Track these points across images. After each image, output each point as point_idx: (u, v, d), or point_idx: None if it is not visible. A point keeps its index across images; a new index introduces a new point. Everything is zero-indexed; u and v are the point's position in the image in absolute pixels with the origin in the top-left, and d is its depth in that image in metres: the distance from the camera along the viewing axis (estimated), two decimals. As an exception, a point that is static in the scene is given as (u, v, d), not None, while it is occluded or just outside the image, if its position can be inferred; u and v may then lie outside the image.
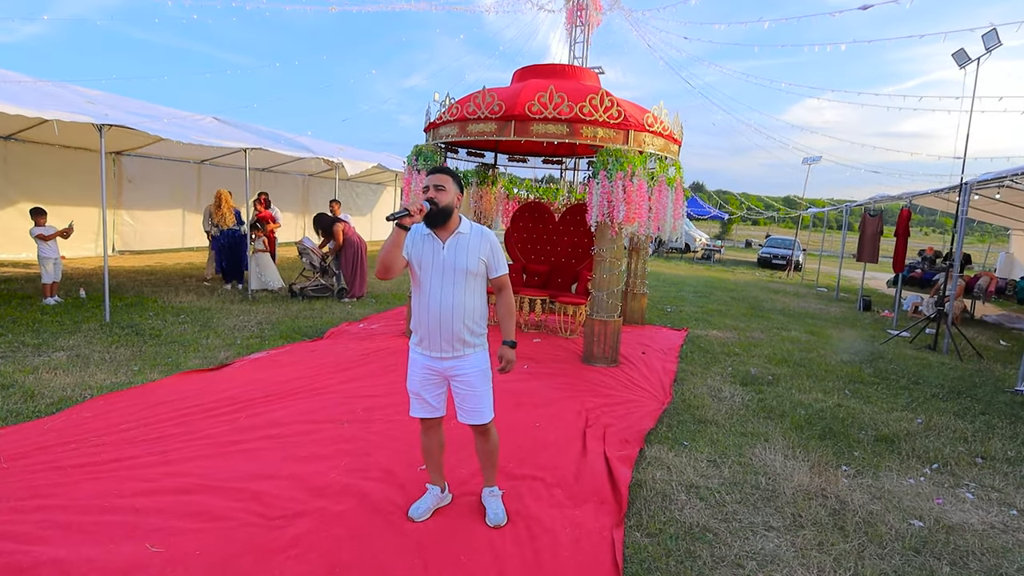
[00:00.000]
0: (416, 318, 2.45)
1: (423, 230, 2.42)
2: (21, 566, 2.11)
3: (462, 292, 2.39)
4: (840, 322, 9.06)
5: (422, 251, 2.40)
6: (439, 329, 2.38)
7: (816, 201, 32.90)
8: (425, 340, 2.43)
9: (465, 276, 2.39)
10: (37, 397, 3.91)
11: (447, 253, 2.38)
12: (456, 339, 2.40)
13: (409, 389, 2.53)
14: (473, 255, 2.39)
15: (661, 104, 5.44)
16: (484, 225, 7.81)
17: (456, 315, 2.37)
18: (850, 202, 13.33)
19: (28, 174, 9.99)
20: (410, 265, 2.43)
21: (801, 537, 2.62)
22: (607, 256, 5.28)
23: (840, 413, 4.45)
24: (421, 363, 2.48)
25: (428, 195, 2.35)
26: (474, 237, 2.43)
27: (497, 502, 2.65)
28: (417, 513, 2.56)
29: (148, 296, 7.58)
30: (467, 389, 2.45)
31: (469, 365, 2.45)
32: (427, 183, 2.39)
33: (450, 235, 2.40)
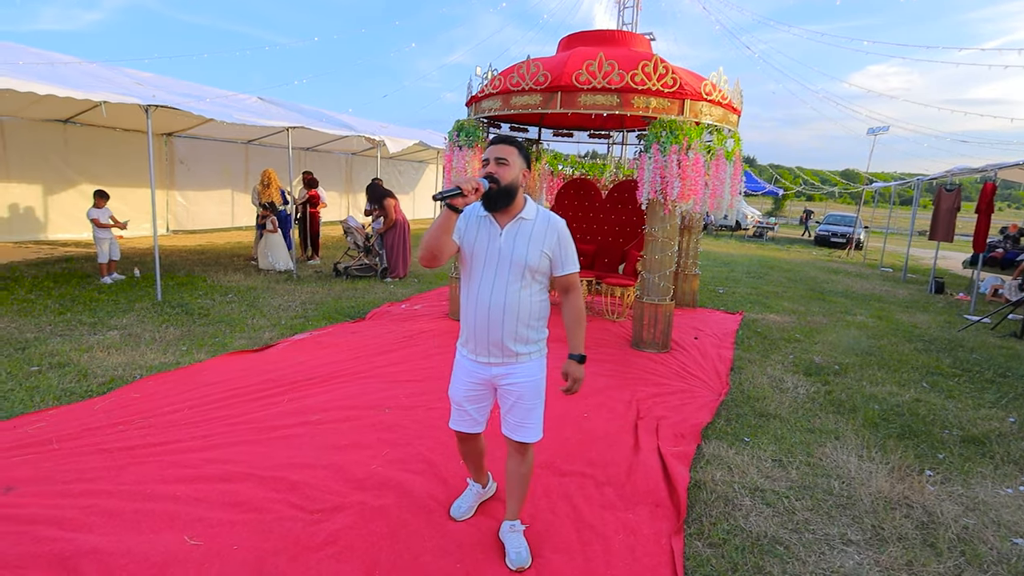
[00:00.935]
0: (463, 314, 2.12)
1: (479, 211, 2.05)
2: (64, 555, 2.08)
3: (517, 289, 2.00)
4: (910, 306, 8.41)
5: (476, 236, 2.04)
6: (487, 330, 2.03)
7: (879, 175, 30.87)
8: (471, 341, 2.09)
9: (523, 271, 2.00)
10: (90, 376, 3.98)
11: (504, 242, 2.01)
12: (506, 343, 2.03)
13: (451, 396, 2.21)
14: (535, 247, 2.00)
15: (720, 71, 5.02)
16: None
17: (508, 316, 2.00)
18: (921, 175, 12.33)
19: (87, 156, 10.35)
20: (461, 251, 2.08)
21: (886, 555, 2.34)
22: (659, 235, 4.96)
23: (919, 409, 4.05)
24: (467, 368, 2.14)
25: (488, 170, 1.98)
26: (539, 225, 2.03)
27: (520, 539, 2.22)
28: (459, 513, 2.38)
29: (198, 275, 7.73)
30: (515, 400, 2.10)
31: (521, 374, 2.08)
32: (487, 155, 2.01)
33: (511, 220, 2.02)
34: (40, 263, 7.96)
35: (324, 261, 9.51)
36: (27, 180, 9.64)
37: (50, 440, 2.99)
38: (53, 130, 9.78)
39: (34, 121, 9.42)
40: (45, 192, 9.97)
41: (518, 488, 2.22)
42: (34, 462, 2.76)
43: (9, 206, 9.46)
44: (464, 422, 2.20)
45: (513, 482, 2.22)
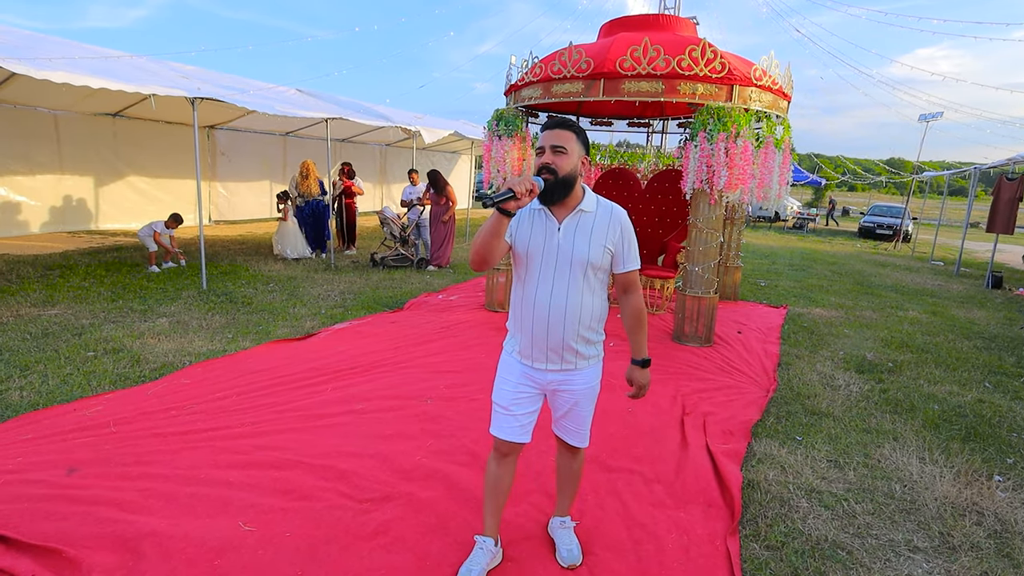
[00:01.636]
0: (517, 316, 1.93)
1: (534, 204, 1.85)
2: (125, 536, 2.14)
3: (579, 290, 1.84)
4: (966, 301, 8.00)
5: (531, 233, 1.85)
6: (546, 335, 1.86)
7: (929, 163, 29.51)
8: (527, 347, 1.91)
9: (584, 269, 1.83)
10: (143, 362, 4.10)
11: (563, 238, 1.83)
12: (566, 348, 1.87)
13: (496, 401, 1.98)
14: (597, 242, 1.83)
15: (772, 55, 4.81)
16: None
17: (569, 319, 1.84)
18: (979, 164, 11.70)
19: (135, 149, 10.70)
20: (513, 249, 1.90)
21: (958, 564, 2.21)
22: (703, 227, 4.82)
23: (984, 410, 3.84)
24: (518, 370, 1.94)
25: (544, 159, 1.79)
26: (600, 217, 1.85)
27: (571, 535, 2.16)
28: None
29: (240, 264, 7.92)
30: (570, 406, 1.98)
31: (579, 381, 1.94)
32: (542, 142, 1.81)
33: (569, 213, 1.84)
34: (92, 252, 8.27)
35: (360, 251, 9.63)
36: (79, 172, 10.02)
37: (107, 423, 3.09)
38: (103, 123, 10.12)
39: (86, 115, 9.77)
40: (96, 184, 10.35)
41: (569, 485, 2.17)
42: (94, 444, 2.85)
43: (63, 197, 9.86)
44: (510, 428, 1.95)
45: (564, 478, 2.17)
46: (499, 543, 2.11)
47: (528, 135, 5.67)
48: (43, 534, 2.13)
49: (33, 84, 4.98)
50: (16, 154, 8.96)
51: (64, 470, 2.60)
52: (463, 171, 19.49)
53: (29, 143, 9.12)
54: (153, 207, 11.02)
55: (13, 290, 5.82)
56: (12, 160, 8.89)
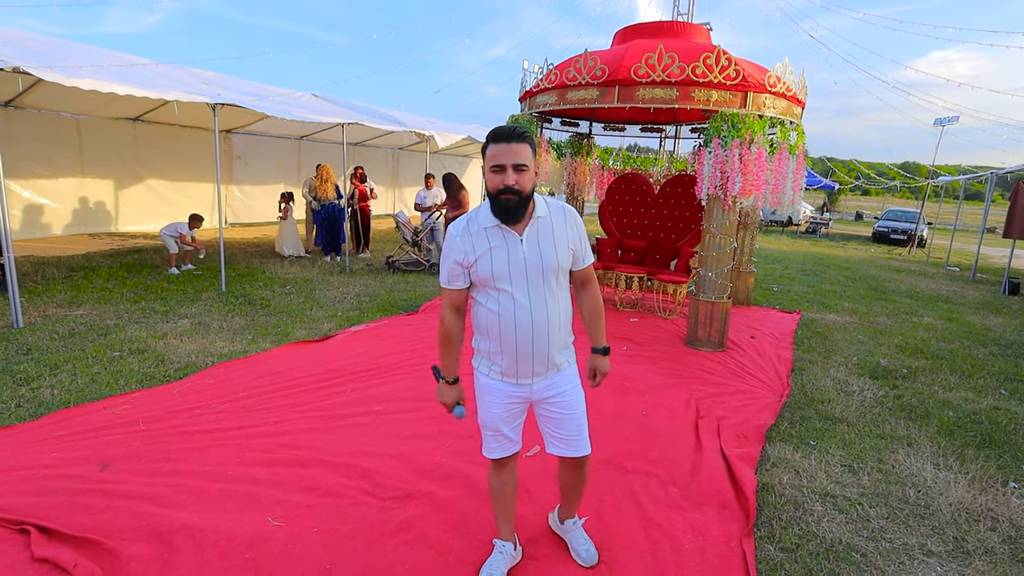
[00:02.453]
0: (491, 338, 1.84)
1: (484, 222, 1.77)
2: (160, 529, 2.22)
3: (553, 296, 1.81)
4: (981, 307, 7.95)
5: (491, 257, 1.75)
6: (531, 349, 1.80)
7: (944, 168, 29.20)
8: (510, 365, 1.84)
9: (555, 275, 1.80)
10: (167, 362, 4.21)
11: (528, 249, 1.76)
12: (551, 355, 1.84)
13: (486, 425, 1.96)
14: (561, 245, 1.80)
15: (786, 61, 4.84)
16: (577, 200, 7.50)
17: (552, 327, 1.80)
18: (995, 168, 11.59)
19: (154, 152, 10.91)
20: (477, 278, 1.80)
21: (972, 568, 2.24)
22: (717, 232, 4.85)
23: (999, 417, 3.84)
24: (504, 392, 1.90)
25: (507, 182, 1.68)
26: (556, 219, 1.81)
27: (583, 534, 2.19)
28: None
29: (257, 267, 8.05)
30: (564, 411, 1.91)
31: (565, 380, 1.91)
32: (500, 161, 1.68)
33: (526, 224, 1.77)
34: (114, 254, 8.44)
35: (373, 255, 9.74)
36: (100, 175, 10.23)
37: (136, 421, 3.19)
38: (124, 128, 10.33)
39: (107, 119, 9.98)
40: (116, 186, 10.55)
41: (576, 493, 2.14)
42: (124, 441, 2.95)
43: (84, 200, 10.07)
44: (502, 446, 1.96)
45: (572, 491, 2.13)
46: (518, 544, 2.15)
47: (544, 141, 5.73)
48: (81, 526, 2.22)
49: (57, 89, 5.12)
50: (40, 157, 9.17)
51: (97, 466, 2.70)
52: (475, 174, 19.61)
53: (52, 147, 9.34)
54: (171, 209, 11.22)
55: (39, 291, 5.97)
56: (36, 163, 9.10)
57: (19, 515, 2.26)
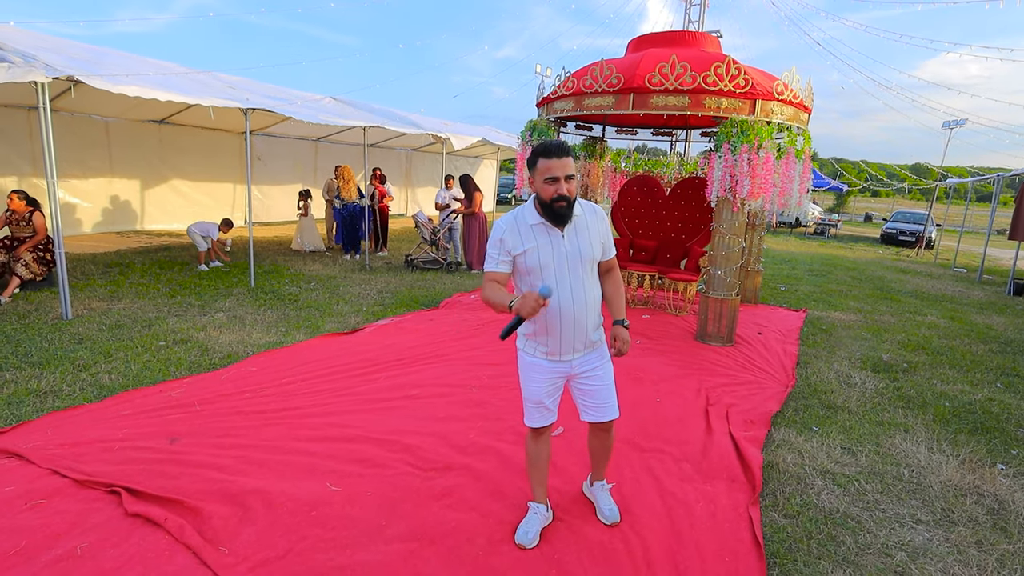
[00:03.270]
0: (537, 324, 2.12)
1: (529, 219, 2.07)
2: (231, 492, 2.52)
3: (590, 283, 2.13)
4: (985, 307, 8.14)
5: (536, 246, 2.05)
6: (573, 329, 2.11)
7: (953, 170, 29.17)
8: (554, 344, 2.13)
9: (590, 264, 2.11)
10: (210, 351, 4.52)
11: (568, 243, 2.07)
12: (588, 335, 2.15)
13: (529, 399, 2.23)
14: (595, 240, 2.12)
15: (793, 69, 5.09)
16: (591, 200, 7.79)
17: (589, 310, 2.12)
18: (1002, 171, 11.74)
19: (178, 153, 11.28)
20: (523, 267, 2.09)
21: (956, 534, 2.49)
22: (726, 232, 5.11)
23: (992, 408, 4.08)
24: (546, 367, 2.18)
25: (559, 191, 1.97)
26: (589, 218, 2.13)
27: (609, 496, 2.49)
28: (527, 539, 2.24)
29: (281, 265, 8.38)
30: (598, 383, 2.22)
31: (598, 356, 2.24)
32: (554, 173, 1.96)
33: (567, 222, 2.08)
34: (143, 251, 8.80)
35: (391, 253, 10.05)
36: (127, 176, 10.60)
37: (192, 403, 3.49)
38: (150, 130, 10.71)
39: (134, 122, 10.35)
40: (142, 186, 10.93)
41: (604, 456, 2.46)
42: (186, 420, 3.25)
43: (113, 199, 10.45)
44: (544, 416, 2.23)
45: (600, 454, 2.45)
46: (549, 507, 2.44)
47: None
48: (163, 488, 2.52)
49: (88, 93, 5.44)
50: (72, 159, 9.54)
51: (167, 440, 3.00)
52: (486, 175, 19.92)
53: (83, 149, 9.71)
54: (194, 209, 11.59)
55: (81, 286, 6.32)
56: (69, 164, 9.47)
57: (108, 479, 2.57)
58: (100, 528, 2.26)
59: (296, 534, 2.25)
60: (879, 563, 2.26)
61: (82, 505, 2.41)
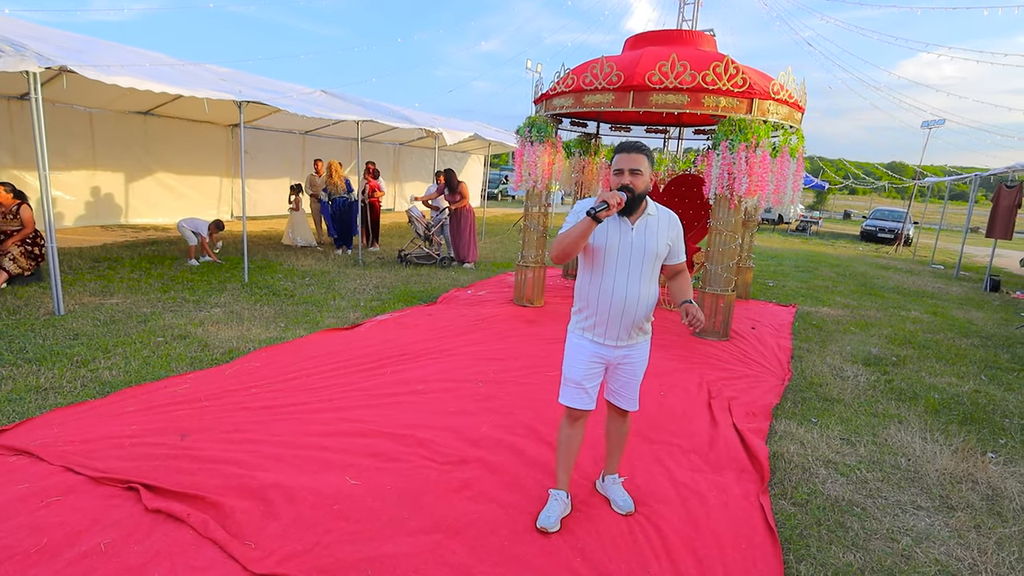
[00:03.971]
0: (591, 303, 2.28)
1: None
2: (251, 486, 2.52)
3: (648, 278, 2.24)
4: (964, 303, 8.41)
5: (607, 233, 2.21)
6: (621, 317, 2.24)
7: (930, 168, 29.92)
8: (601, 327, 2.27)
9: (654, 261, 2.24)
10: (211, 347, 4.48)
11: (636, 236, 2.21)
12: (636, 327, 2.28)
13: (569, 377, 2.34)
14: (662, 239, 2.24)
15: (789, 70, 5.20)
16: (584, 197, 7.85)
17: (641, 303, 2.24)
18: (980, 171, 12.09)
19: (163, 146, 11.07)
20: (588, 247, 2.25)
21: (955, 519, 2.60)
22: (723, 229, 5.20)
23: (979, 399, 4.24)
24: (590, 350, 2.31)
25: (623, 181, 2.15)
26: (663, 219, 2.26)
27: (622, 489, 2.57)
28: (549, 523, 2.32)
29: (273, 260, 8.30)
30: (629, 376, 2.38)
31: (639, 354, 2.36)
32: (621, 165, 2.17)
33: (639, 216, 2.22)
34: (130, 245, 8.64)
35: (383, 248, 10.01)
36: (112, 168, 10.38)
37: (199, 399, 3.47)
38: (135, 121, 10.49)
39: (119, 113, 10.13)
40: (127, 179, 10.71)
41: (618, 445, 2.58)
42: (194, 416, 3.23)
43: (96, 192, 10.22)
44: (581, 399, 2.33)
45: (614, 440, 2.58)
46: (569, 496, 2.50)
47: (559, 141, 6.05)
48: (181, 484, 2.51)
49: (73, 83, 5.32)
50: (55, 150, 9.27)
51: (177, 435, 2.98)
52: (473, 170, 19.90)
53: (66, 140, 9.48)
54: (180, 203, 11.40)
55: (71, 280, 6.19)
56: (51, 156, 9.09)
57: (124, 475, 2.55)
58: (121, 524, 2.25)
59: (321, 527, 2.26)
60: (886, 547, 2.36)
61: (100, 502, 2.39)
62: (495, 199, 27.58)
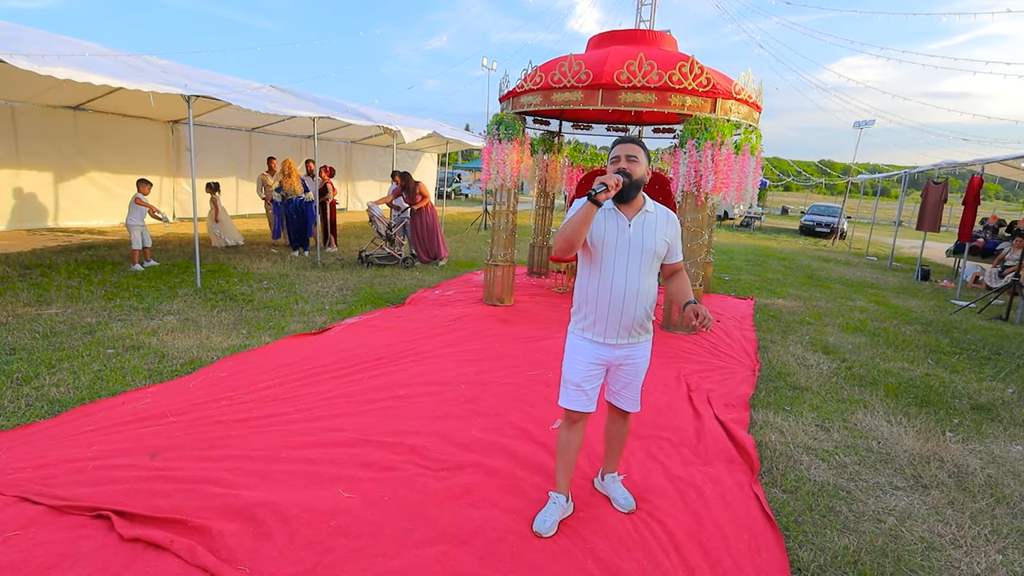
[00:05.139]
0: (589, 301, 2.26)
1: (606, 205, 2.23)
2: (236, 507, 2.36)
3: (646, 275, 2.22)
4: (901, 292, 8.98)
5: (604, 228, 2.20)
6: (620, 314, 2.21)
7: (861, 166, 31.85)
8: (600, 325, 2.25)
9: (652, 258, 2.22)
10: (169, 358, 4.20)
11: (634, 232, 2.20)
12: (635, 325, 2.24)
13: (568, 379, 2.31)
14: (660, 236, 2.22)
15: (749, 71, 5.37)
16: (548, 194, 7.84)
17: (640, 299, 2.21)
18: (909, 168, 12.95)
19: (95, 144, 10.32)
20: (587, 243, 2.22)
21: (931, 497, 2.76)
22: (691, 226, 5.33)
23: (931, 382, 4.52)
24: (589, 351, 2.28)
25: (620, 166, 2.16)
26: (660, 217, 2.26)
27: (622, 487, 2.58)
28: (544, 528, 2.29)
29: (225, 263, 7.88)
30: (631, 377, 2.35)
31: (640, 354, 2.33)
32: (617, 153, 2.19)
33: (636, 213, 2.22)
34: (63, 250, 8.00)
35: (341, 249, 9.71)
36: (38, 167, 9.59)
37: (164, 414, 3.24)
38: (64, 117, 9.73)
39: (45, 107, 9.37)
40: (56, 179, 9.93)
41: (618, 446, 2.58)
42: (162, 432, 3.01)
43: (20, 193, 9.42)
44: (580, 401, 2.29)
45: (614, 441, 2.57)
46: (570, 499, 2.48)
47: (527, 139, 6.02)
48: (159, 508, 2.33)
49: None
50: (-29, 148, 8.52)
51: (145, 455, 2.76)
52: (427, 168, 19.63)
53: (-16, 136, 8.70)
54: (116, 203, 10.65)
55: (0, 290, 5.67)
56: (-33, 154, 8.45)
57: (91, 502, 2.34)
58: (94, 558, 2.06)
59: (321, 545, 2.15)
60: (875, 528, 2.47)
61: (66, 533, 2.18)
62: (449, 197, 27.33)
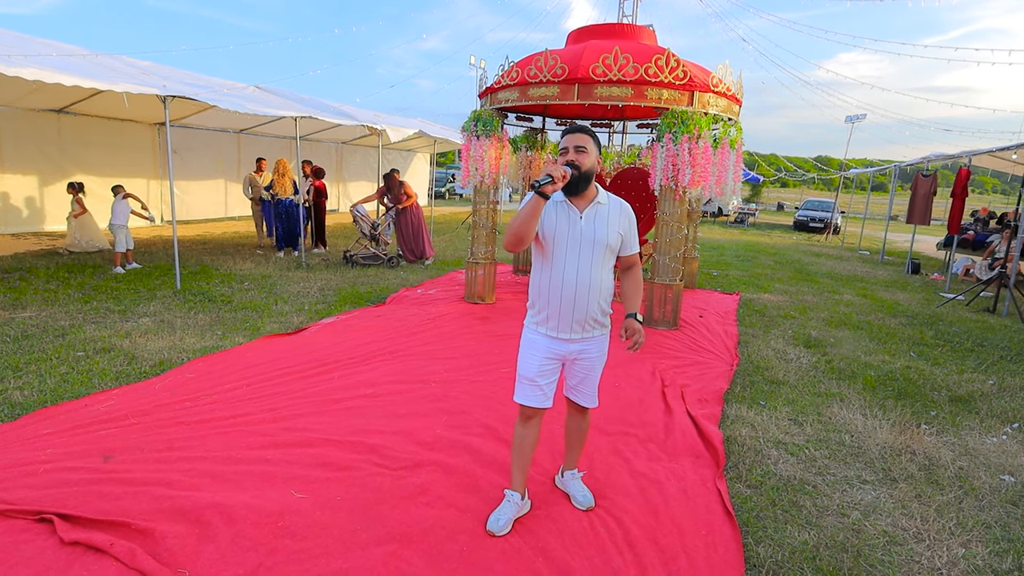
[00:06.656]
0: (542, 295, 2.22)
1: (557, 197, 2.18)
2: (184, 508, 2.32)
3: (599, 268, 2.17)
4: (890, 285, 8.94)
5: (556, 221, 2.16)
6: (572, 308, 2.18)
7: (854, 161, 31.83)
8: (553, 319, 2.20)
9: (604, 250, 2.17)
10: (138, 360, 4.15)
11: (585, 224, 2.15)
12: (589, 319, 2.21)
13: (523, 374, 2.27)
14: (613, 228, 2.18)
15: (727, 63, 5.33)
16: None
17: (592, 293, 2.17)
18: (899, 162, 12.91)
19: (80, 147, 10.27)
20: (539, 236, 2.18)
21: (898, 490, 2.71)
22: (670, 220, 5.28)
23: (910, 375, 4.47)
24: (544, 345, 2.24)
25: (568, 158, 2.12)
26: (613, 209, 2.21)
27: (582, 484, 2.52)
28: (498, 527, 2.24)
29: (208, 265, 7.84)
30: (588, 372, 2.31)
31: (595, 348, 2.29)
32: (566, 144, 2.15)
33: (588, 205, 2.17)
34: (46, 255, 7.96)
35: (329, 250, 9.66)
36: (22, 171, 9.54)
37: (126, 416, 3.19)
38: (47, 120, 9.68)
39: (29, 111, 9.32)
40: (40, 183, 9.87)
41: (578, 442, 2.52)
42: (120, 435, 2.96)
43: (5, 198, 9.37)
44: (535, 396, 2.25)
45: (574, 437, 2.51)
46: (526, 496, 2.43)
47: (505, 135, 5.98)
48: (104, 511, 2.28)
49: None
50: (-48, 152, 8.47)
51: (99, 458, 2.72)
52: (419, 168, 19.59)
53: (-34, 141, 8.64)
54: (102, 207, 10.54)
55: (-25, 294, 5.62)
56: (-52, 158, 8.40)
57: (36, 505, 2.29)
58: (32, 562, 2.01)
59: (264, 547, 2.10)
60: (837, 523, 2.42)
61: (6, 538, 2.13)
62: (443, 198, 27.28)
